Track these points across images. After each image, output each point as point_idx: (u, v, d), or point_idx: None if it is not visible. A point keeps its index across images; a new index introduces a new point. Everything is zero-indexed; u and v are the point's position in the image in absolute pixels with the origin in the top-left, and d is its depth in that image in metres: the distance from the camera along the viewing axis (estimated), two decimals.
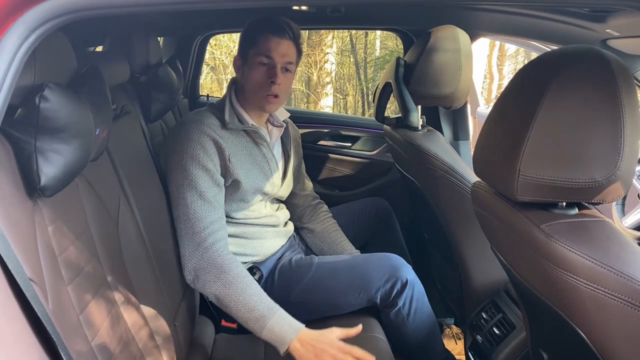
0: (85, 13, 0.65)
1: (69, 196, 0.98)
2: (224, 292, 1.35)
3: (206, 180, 1.42)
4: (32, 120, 0.81)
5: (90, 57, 1.51)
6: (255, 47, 1.48)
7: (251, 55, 1.49)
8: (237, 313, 1.34)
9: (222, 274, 1.36)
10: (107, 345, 0.98)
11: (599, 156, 0.79)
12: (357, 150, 2.59)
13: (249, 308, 1.33)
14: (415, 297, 1.55)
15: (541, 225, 0.81)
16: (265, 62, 1.48)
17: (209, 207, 1.42)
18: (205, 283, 1.37)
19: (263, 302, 1.34)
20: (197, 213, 1.40)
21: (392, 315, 1.56)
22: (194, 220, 1.40)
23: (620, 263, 0.74)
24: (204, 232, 1.39)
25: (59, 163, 0.84)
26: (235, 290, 1.34)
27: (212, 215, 1.42)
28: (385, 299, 1.55)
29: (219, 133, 1.47)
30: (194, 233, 1.39)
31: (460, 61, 1.66)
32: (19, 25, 0.62)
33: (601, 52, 0.81)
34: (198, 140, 1.43)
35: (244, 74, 1.52)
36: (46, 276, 0.82)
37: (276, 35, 1.47)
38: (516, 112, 0.85)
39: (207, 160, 1.43)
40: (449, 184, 1.59)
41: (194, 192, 1.41)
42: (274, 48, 1.47)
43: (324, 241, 1.80)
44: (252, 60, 1.49)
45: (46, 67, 0.85)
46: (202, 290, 1.40)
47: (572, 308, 0.80)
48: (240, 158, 1.50)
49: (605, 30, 1.29)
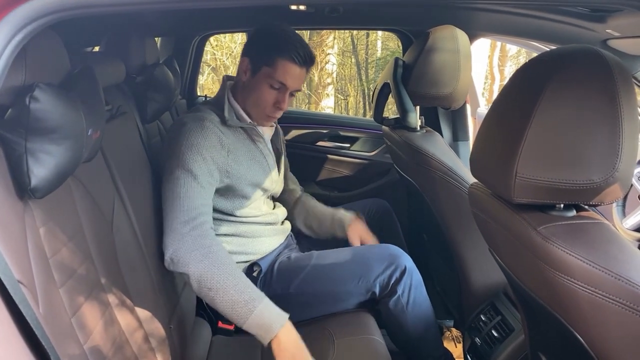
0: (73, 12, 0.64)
1: (61, 198, 0.97)
2: (211, 272, 1.27)
3: (202, 166, 1.40)
4: (23, 121, 0.80)
5: (85, 57, 1.50)
6: (271, 67, 1.45)
7: (264, 73, 1.46)
8: (223, 296, 1.26)
9: (211, 254, 1.30)
10: (100, 349, 0.97)
11: (597, 157, 0.77)
12: (356, 151, 2.58)
13: (239, 290, 1.26)
14: (413, 285, 1.55)
15: (538, 227, 0.80)
16: (276, 87, 1.47)
17: (201, 190, 1.38)
18: (190, 262, 1.28)
19: (252, 287, 1.29)
20: (189, 192, 1.36)
21: (392, 304, 1.55)
22: (185, 198, 1.35)
23: (618, 266, 0.73)
24: (194, 211, 1.34)
25: (49, 164, 0.83)
26: (225, 271, 1.28)
27: (203, 199, 1.38)
28: (385, 287, 1.54)
29: (220, 129, 1.47)
30: (182, 211, 1.34)
31: (459, 61, 1.65)
32: (6, 23, 0.62)
33: (599, 52, 0.80)
34: (200, 132, 1.42)
35: (250, 83, 1.50)
36: (36, 279, 0.81)
37: (297, 64, 1.45)
38: (513, 112, 0.84)
39: (205, 150, 1.41)
40: (448, 185, 1.58)
41: (187, 174, 1.37)
42: (291, 77, 1.46)
43: (312, 219, 1.81)
44: (264, 79, 1.46)
45: (37, 67, 0.84)
46: (183, 269, 1.30)
47: (569, 310, 0.79)
48: (239, 154, 1.50)
49: (606, 31, 1.28)
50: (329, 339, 1.45)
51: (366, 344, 1.43)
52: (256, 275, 1.57)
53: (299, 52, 1.44)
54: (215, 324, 1.60)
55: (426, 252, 2.08)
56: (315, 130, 2.60)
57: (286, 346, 1.24)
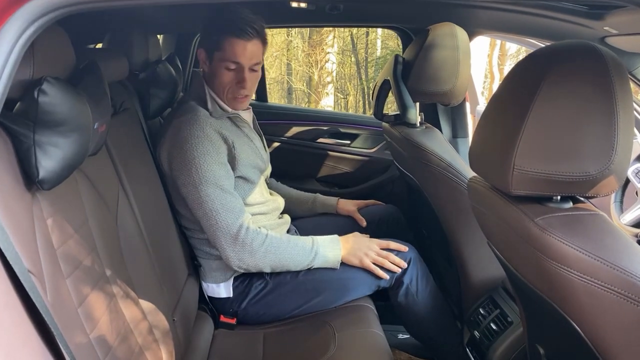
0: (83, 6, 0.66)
1: (67, 190, 0.99)
2: (276, 258, 1.47)
3: (222, 173, 1.44)
4: (31, 114, 0.82)
5: (89, 53, 1.51)
6: (220, 50, 1.45)
7: (217, 57, 1.47)
8: (295, 264, 1.50)
9: (265, 246, 1.45)
10: (105, 339, 0.98)
11: (593, 150, 0.79)
12: (356, 147, 2.59)
13: (298, 252, 1.48)
14: (420, 274, 1.60)
15: (536, 218, 0.82)
16: (232, 68, 1.47)
17: (232, 198, 1.45)
18: (257, 263, 1.46)
19: (304, 242, 1.51)
20: (225, 206, 1.43)
21: (401, 296, 1.59)
22: (224, 213, 1.43)
23: (613, 255, 0.75)
24: (237, 221, 1.43)
25: (57, 156, 0.85)
26: (284, 249, 1.47)
27: (238, 202, 1.47)
28: (391, 278, 1.58)
29: (213, 123, 1.49)
30: (227, 225, 1.43)
31: (458, 58, 1.66)
32: (18, 16, 0.63)
33: (595, 47, 0.82)
34: (204, 135, 1.44)
35: (210, 71, 1.51)
36: (45, 269, 0.83)
37: (242, 38, 1.43)
38: (511, 106, 0.86)
39: (218, 153, 1.45)
40: (447, 181, 1.60)
41: (214, 187, 1.42)
42: (240, 53, 1.44)
43: (288, 201, 1.87)
44: (219, 63, 1.47)
45: (45, 61, 0.86)
46: (257, 269, 1.48)
47: (565, 300, 0.81)
48: (239, 142, 1.53)
49: (603, 28, 1.29)
50: (330, 333, 1.47)
51: (367, 337, 1.45)
52: None
53: (241, 27, 1.43)
54: (217, 317, 1.62)
55: (426, 248, 2.10)
56: (316, 127, 2.61)
57: (351, 252, 1.53)
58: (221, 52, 1.45)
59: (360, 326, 1.49)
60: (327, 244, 1.54)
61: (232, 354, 1.50)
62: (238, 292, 1.59)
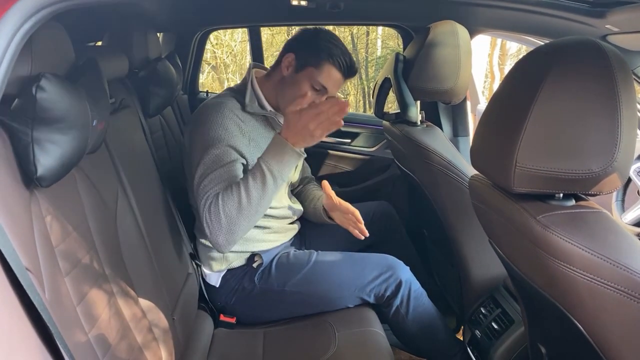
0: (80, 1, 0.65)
1: (66, 188, 0.98)
2: (245, 219, 1.31)
3: (230, 154, 1.40)
4: (29, 111, 0.81)
5: (88, 51, 1.51)
6: (317, 70, 1.46)
7: (308, 72, 1.47)
8: (263, 200, 1.31)
9: (227, 219, 1.31)
10: (105, 337, 0.98)
11: (596, 147, 0.78)
12: (356, 146, 2.58)
13: (256, 186, 1.29)
14: (412, 295, 1.57)
15: (538, 216, 0.81)
16: (317, 89, 1.48)
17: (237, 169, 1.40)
18: (234, 236, 1.33)
19: (251, 178, 1.30)
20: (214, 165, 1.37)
21: (391, 314, 1.59)
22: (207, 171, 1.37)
23: (616, 253, 0.74)
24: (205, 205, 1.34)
25: (55, 154, 0.84)
26: (245, 207, 1.30)
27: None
28: (379, 298, 1.57)
29: (240, 116, 1.48)
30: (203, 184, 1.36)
31: (459, 56, 1.66)
32: (16, 11, 0.63)
33: (598, 44, 0.81)
34: (221, 123, 1.42)
35: (291, 79, 1.50)
36: (43, 267, 0.82)
37: (343, 75, 1.48)
38: (513, 103, 0.85)
39: (230, 139, 1.42)
40: (448, 179, 1.59)
41: (215, 163, 1.38)
42: (334, 84, 1.48)
43: (309, 212, 1.79)
44: (307, 78, 1.47)
45: (43, 57, 0.85)
46: (241, 236, 1.35)
47: (568, 298, 0.80)
48: (260, 142, 1.50)
49: (605, 26, 1.29)
50: (330, 332, 1.46)
51: (367, 336, 1.44)
52: (256, 266, 1.58)
53: (346, 61, 1.47)
54: (217, 316, 1.62)
55: (426, 247, 2.09)
56: None
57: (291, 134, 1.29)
58: (318, 71, 1.46)
59: (361, 325, 1.48)
60: (272, 155, 1.31)
61: (232, 353, 1.49)
62: (229, 286, 1.59)
